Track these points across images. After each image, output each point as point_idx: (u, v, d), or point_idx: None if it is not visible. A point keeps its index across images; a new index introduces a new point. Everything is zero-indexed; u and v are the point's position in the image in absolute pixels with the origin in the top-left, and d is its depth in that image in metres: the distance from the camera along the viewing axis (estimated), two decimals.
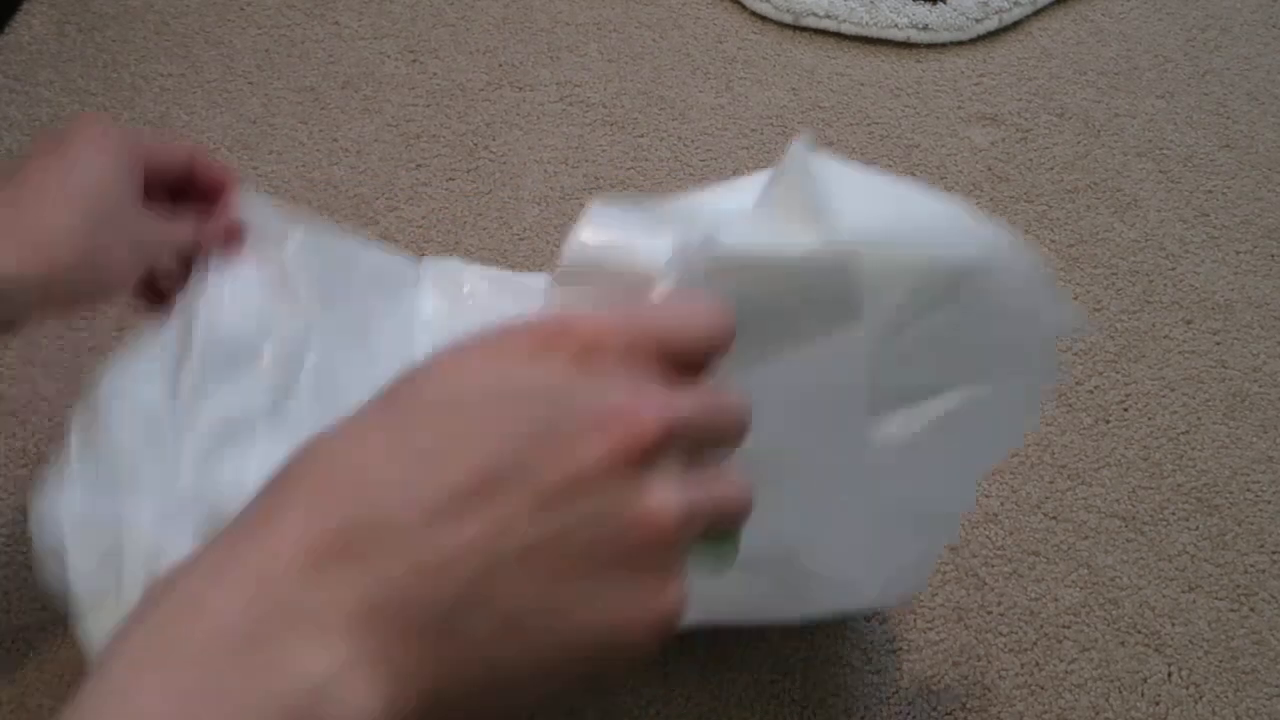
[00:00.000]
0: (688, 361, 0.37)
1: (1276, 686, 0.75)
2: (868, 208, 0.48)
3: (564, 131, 1.06)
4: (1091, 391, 0.89)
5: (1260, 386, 0.90)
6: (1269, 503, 0.83)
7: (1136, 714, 0.73)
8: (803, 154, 0.46)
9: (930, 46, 1.15)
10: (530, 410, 0.34)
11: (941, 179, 1.03)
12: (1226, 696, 0.74)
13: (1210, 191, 1.04)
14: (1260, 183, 1.04)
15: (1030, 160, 1.05)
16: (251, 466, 0.58)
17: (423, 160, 1.02)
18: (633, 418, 0.33)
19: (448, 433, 0.33)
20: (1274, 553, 0.81)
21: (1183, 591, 0.79)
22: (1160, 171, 1.05)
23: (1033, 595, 0.78)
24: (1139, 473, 0.84)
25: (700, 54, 1.13)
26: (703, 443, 0.36)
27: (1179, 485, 0.84)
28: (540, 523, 0.32)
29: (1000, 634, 0.76)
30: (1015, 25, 1.18)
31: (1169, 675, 0.75)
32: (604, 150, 1.04)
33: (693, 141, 1.05)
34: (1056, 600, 0.78)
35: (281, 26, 1.14)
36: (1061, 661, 0.75)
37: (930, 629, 0.76)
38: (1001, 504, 0.82)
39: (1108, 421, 0.87)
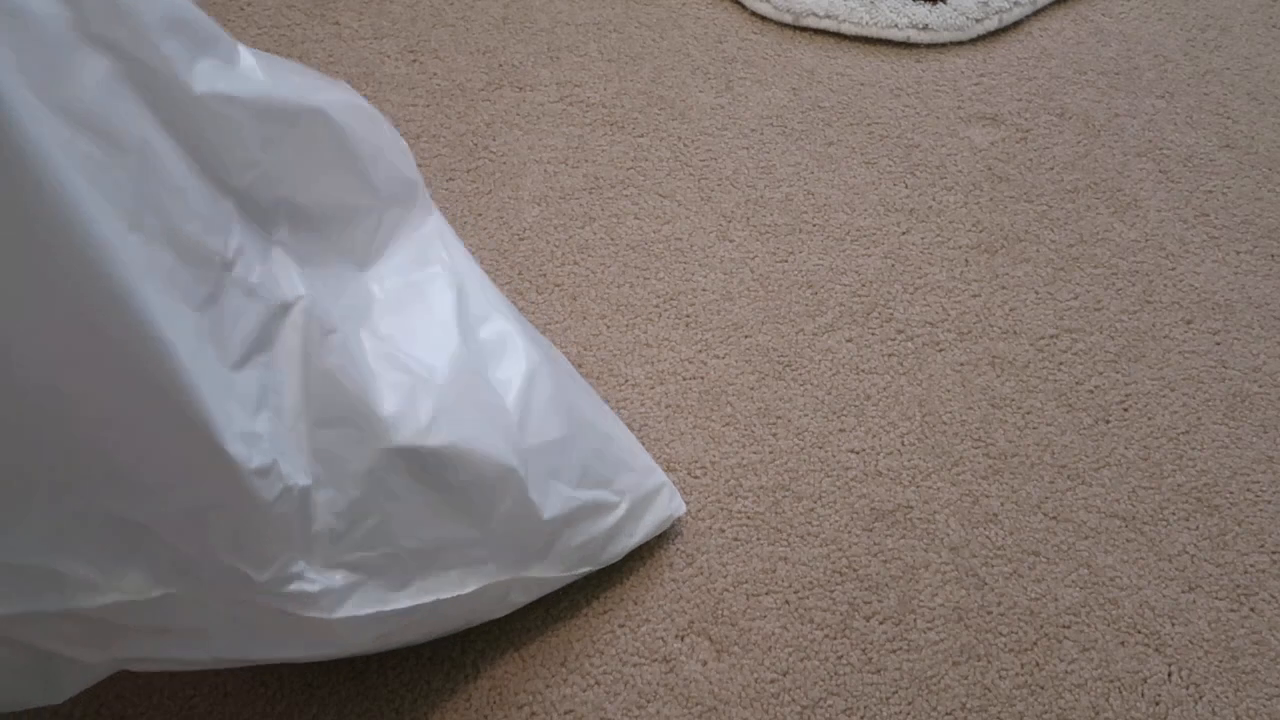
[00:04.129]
0: None
1: (1276, 686, 0.75)
2: None
3: (564, 131, 1.06)
4: (1091, 391, 0.89)
5: (1260, 386, 0.90)
6: (1269, 503, 0.83)
7: (1136, 714, 0.73)
8: None
9: (930, 46, 1.15)
10: None
11: (941, 179, 1.03)
12: (1226, 696, 0.74)
13: (1210, 191, 1.04)
14: (1260, 183, 1.04)
15: (1030, 160, 1.05)
16: None
17: (423, 160, 1.02)
18: None
19: None
20: (1274, 553, 0.81)
21: (1183, 591, 0.79)
22: (1160, 171, 1.05)
23: (1033, 595, 0.78)
24: (1139, 473, 0.84)
25: (700, 54, 1.13)
26: None
27: (1179, 485, 0.84)
28: None
29: (1000, 634, 0.76)
30: (1015, 25, 1.18)
31: (1169, 675, 0.75)
32: (604, 150, 1.04)
33: (693, 141, 1.05)
34: (1056, 600, 0.78)
35: (281, 26, 1.14)
36: (1061, 661, 0.75)
37: (930, 629, 0.76)
38: (1001, 504, 0.82)
39: (1108, 421, 0.87)
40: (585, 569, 0.74)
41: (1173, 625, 0.77)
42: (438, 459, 0.63)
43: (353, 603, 0.62)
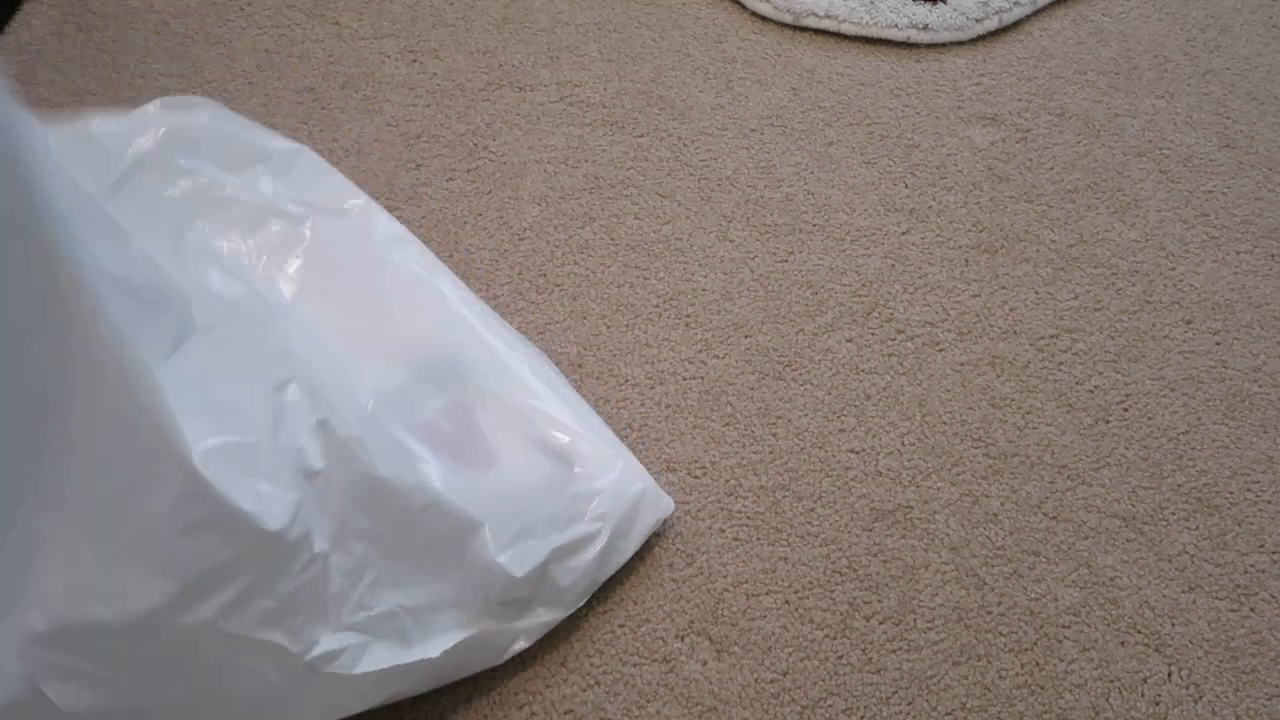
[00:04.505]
0: None
1: (1276, 686, 0.75)
2: None
3: (564, 131, 1.06)
4: (1091, 391, 0.89)
5: (1260, 386, 0.90)
6: (1269, 503, 0.83)
7: (1136, 714, 0.73)
8: None
9: (930, 46, 1.15)
10: None
11: (941, 179, 1.03)
12: (1226, 696, 0.74)
13: (1210, 191, 1.04)
14: (1260, 183, 1.04)
15: (1030, 160, 1.05)
16: None
17: (423, 160, 1.02)
18: None
19: None
20: (1274, 553, 0.81)
21: (1183, 591, 0.79)
22: (1160, 171, 1.05)
23: (1033, 595, 0.78)
24: (1139, 473, 0.84)
25: (700, 54, 1.13)
26: None
27: (1179, 485, 0.84)
28: None
29: (1000, 634, 0.76)
30: (1015, 25, 1.18)
31: (1169, 675, 0.75)
32: (604, 150, 1.04)
33: (693, 141, 1.05)
34: (1056, 600, 0.78)
35: (281, 26, 1.14)
36: (1061, 661, 0.75)
37: (930, 629, 0.76)
38: (1001, 504, 0.82)
39: (1108, 421, 0.87)
40: (587, 598, 0.74)
41: (1173, 625, 0.77)
42: (413, 501, 0.65)
43: (369, 659, 0.63)
